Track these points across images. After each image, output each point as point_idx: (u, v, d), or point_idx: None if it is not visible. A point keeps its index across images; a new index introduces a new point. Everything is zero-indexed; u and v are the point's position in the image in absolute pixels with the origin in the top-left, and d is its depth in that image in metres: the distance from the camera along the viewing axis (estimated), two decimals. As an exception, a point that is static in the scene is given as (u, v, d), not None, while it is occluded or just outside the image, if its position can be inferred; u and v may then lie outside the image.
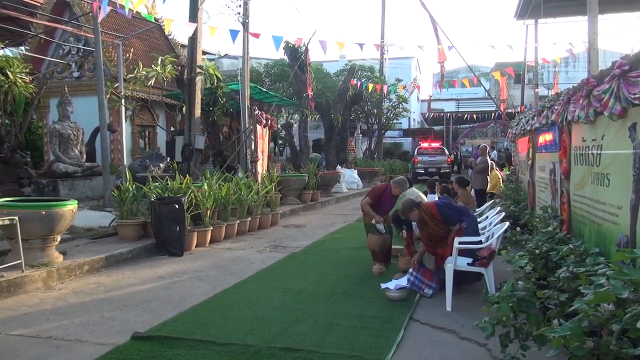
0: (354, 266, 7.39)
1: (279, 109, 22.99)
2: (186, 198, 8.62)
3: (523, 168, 10.27)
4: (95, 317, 5.13)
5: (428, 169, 27.63)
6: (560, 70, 41.00)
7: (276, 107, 19.85)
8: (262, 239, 9.71)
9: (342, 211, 14.50)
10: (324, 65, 31.20)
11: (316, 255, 8.21)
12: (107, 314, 5.23)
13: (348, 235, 10.22)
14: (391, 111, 30.33)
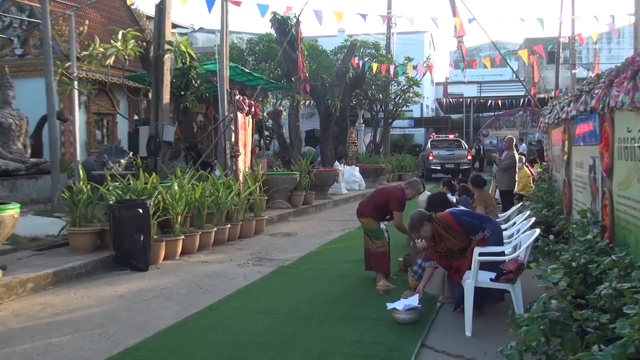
0: (354, 282, 7.37)
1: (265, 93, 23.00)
2: (152, 201, 8.59)
3: (557, 164, 10.31)
4: (40, 345, 5.10)
5: (445, 165, 27.71)
6: (601, 47, 41.30)
7: (262, 92, 19.85)
8: (244, 250, 9.69)
9: (341, 216, 14.48)
10: (319, 41, 31.27)
11: (309, 269, 8.19)
12: (55, 341, 5.20)
13: (348, 245, 10.20)
14: (400, 97, 30.41)
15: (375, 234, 7.30)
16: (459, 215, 5.93)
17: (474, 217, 5.91)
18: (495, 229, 5.87)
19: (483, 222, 5.83)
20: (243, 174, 12.68)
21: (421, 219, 5.97)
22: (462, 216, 5.90)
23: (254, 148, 14.68)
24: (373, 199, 7.41)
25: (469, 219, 5.85)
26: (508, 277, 5.44)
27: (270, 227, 12.32)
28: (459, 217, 5.88)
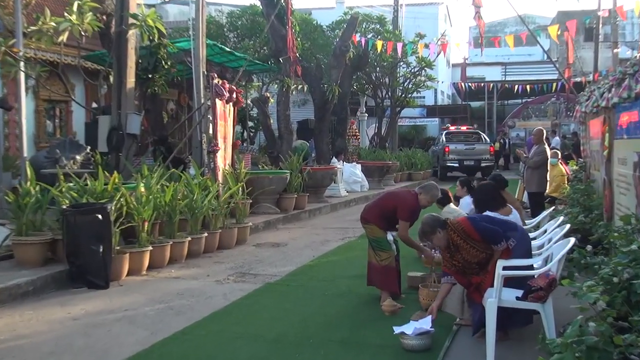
0: (355, 302, 7.39)
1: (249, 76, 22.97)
2: (114, 205, 8.58)
3: (596, 161, 10.34)
4: (-21, 377, 5.09)
5: (463, 161, 28.00)
6: (649, 22, 41.41)
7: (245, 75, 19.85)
8: (224, 264, 9.69)
9: (340, 223, 14.48)
10: (313, 15, 31.30)
11: (301, 286, 8.19)
12: (-3, 372, 5.18)
13: (348, 257, 10.22)
14: (410, 81, 30.44)
15: (380, 245, 7.32)
16: (477, 221, 5.93)
17: (497, 224, 5.91)
18: (522, 239, 5.87)
19: (507, 230, 5.83)
20: (222, 173, 12.66)
21: (434, 225, 5.96)
22: (482, 222, 5.89)
23: (236, 142, 14.64)
24: (380, 204, 7.44)
25: (490, 226, 5.84)
26: (537, 296, 5.44)
27: (255, 236, 12.31)
28: (477, 223, 5.87)
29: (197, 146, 13.20)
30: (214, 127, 12.65)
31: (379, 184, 22.27)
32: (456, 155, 28.23)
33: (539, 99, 39.85)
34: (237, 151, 14.62)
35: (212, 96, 12.64)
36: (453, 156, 28.12)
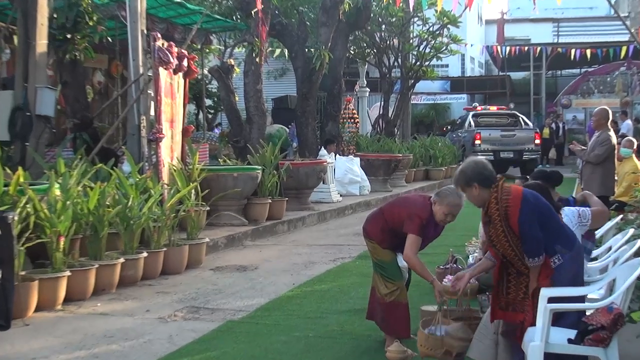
0: (350, 346, 7.38)
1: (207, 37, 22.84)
2: (17, 214, 8.51)
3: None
4: None
5: (500, 153, 28.30)
6: None
7: (200, 35, 19.74)
8: (170, 295, 9.65)
9: (330, 239, 14.49)
10: (294, -47, 31.21)
11: (276, 326, 8.16)
12: None
13: (340, 286, 10.20)
14: (427, 43, 30.42)
15: (387, 272, 7.29)
16: (529, 207, 5.86)
17: (551, 228, 5.87)
18: (574, 259, 5.87)
19: (558, 242, 5.82)
20: (169, 170, 12.61)
21: (473, 174, 6.03)
22: (531, 215, 5.84)
23: (188, 127, 14.57)
24: (385, 212, 7.39)
25: (534, 232, 5.80)
26: (597, 337, 5.45)
27: (214, 257, 12.27)
28: (526, 211, 5.83)
29: (134, 133, 13.11)
30: (156, 106, 12.58)
31: (384, 185, 22.26)
32: (490, 145, 28.47)
33: (603, 69, 40.00)
34: (189, 140, 14.55)
35: (155, 64, 12.56)
36: (486, 146, 28.17)
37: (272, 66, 33.75)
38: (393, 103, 30.90)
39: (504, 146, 28.67)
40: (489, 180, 5.99)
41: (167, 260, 10.84)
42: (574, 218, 6.98)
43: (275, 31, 20.82)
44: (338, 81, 23.01)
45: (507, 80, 42.53)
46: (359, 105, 30.64)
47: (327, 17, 21.00)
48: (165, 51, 12.59)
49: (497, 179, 6.01)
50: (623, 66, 37.87)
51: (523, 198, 5.90)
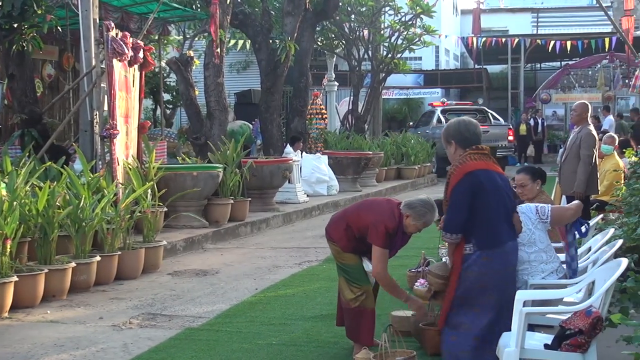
0: (317, 354, 7.41)
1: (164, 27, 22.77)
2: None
3: (663, 149, 10.46)
4: None
5: None
6: None
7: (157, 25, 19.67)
8: (125, 301, 9.63)
9: (296, 241, 14.54)
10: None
11: (238, 333, 8.17)
12: None
13: (306, 291, 10.22)
14: (400, 34, 30.48)
15: (352, 276, 7.27)
16: (476, 185, 5.93)
17: (477, 221, 5.93)
18: (483, 264, 5.89)
19: (475, 235, 5.91)
20: (123, 168, 12.57)
21: (453, 133, 6.20)
22: (472, 195, 5.92)
23: (144, 123, 14.53)
24: (349, 215, 7.37)
25: (462, 205, 5.93)
26: (575, 342, 5.50)
27: (172, 261, 12.25)
28: (470, 185, 5.92)
29: (86, 129, 13.05)
30: (110, 100, 12.52)
31: (354, 185, 22.25)
32: None
33: (585, 62, 40.18)
34: (145, 136, 14.50)
35: (108, 55, 12.50)
36: None
37: (234, 58, 33.69)
38: (363, 98, 30.87)
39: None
40: (467, 141, 6.10)
41: (121, 265, 10.79)
42: (532, 214, 7.02)
43: (238, 21, 20.76)
44: (305, 74, 22.99)
45: (483, 74, 42.64)
46: (327, 100, 30.59)
47: (292, 6, 20.97)
48: (120, 42, 12.52)
49: (476, 145, 6.09)
50: (605, 59, 38.06)
51: (469, 173, 5.97)
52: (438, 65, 46.61)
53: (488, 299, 5.87)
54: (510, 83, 41.50)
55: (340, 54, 31.20)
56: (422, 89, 43.00)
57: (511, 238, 6.03)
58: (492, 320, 5.87)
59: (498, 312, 5.87)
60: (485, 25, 46.22)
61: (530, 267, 6.52)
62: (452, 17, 49.92)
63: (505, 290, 5.90)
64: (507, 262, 5.96)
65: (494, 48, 40.12)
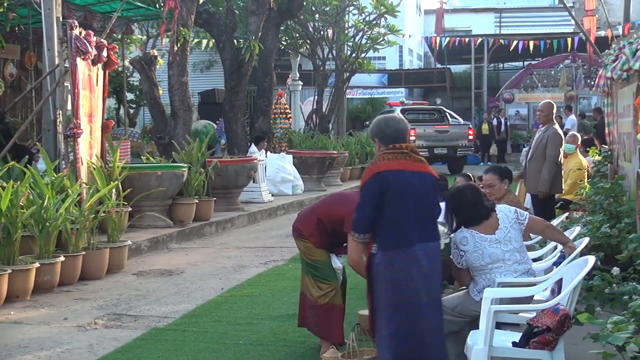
0: (284, 354, 7.42)
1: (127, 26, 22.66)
2: None
3: (627, 149, 10.55)
4: None
5: (434, 149, 29.78)
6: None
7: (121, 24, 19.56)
8: (90, 301, 9.58)
9: (261, 241, 14.55)
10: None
11: (204, 333, 8.17)
12: None
13: (272, 290, 10.24)
14: (364, 34, 30.53)
15: (321, 272, 7.28)
16: (383, 185, 5.91)
17: (382, 221, 5.93)
18: (383, 264, 5.91)
19: (380, 237, 5.93)
20: (87, 168, 12.50)
21: (375, 130, 6.15)
22: (380, 195, 5.91)
23: (108, 122, 14.44)
24: (321, 210, 7.40)
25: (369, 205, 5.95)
26: (543, 340, 5.54)
27: (137, 261, 12.22)
28: (378, 185, 5.91)
29: (50, 128, 12.96)
30: (74, 100, 12.44)
31: (319, 184, 22.29)
32: (424, 141, 29.39)
33: (547, 62, 40.50)
34: (109, 136, 14.43)
35: (72, 54, 12.42)
36: (421, 142, 29.03)
37: (198, 58, 33.59)
38: (327, 97, 30.89)
39: (438, 142, 29.90)
40: (388, 138, 6.04)
41: (86, 265, 10.73)
42: (510, 213, 7.04)
43: (202, 20, 20.69)
44: (269, 74, 22.99)
45: (447, 74, 42.87)
46: (292, 99, 30.56)
47: (257, 5, 20.96)
48: (84, 40, 12.45)
49: (394, 144, 6.03)
50: (568, 59, 38.38)
51: (377, 174, 5.95)
52: (402, 65, 46.76)
53: (399, 298, 5.84)
54: (473, 83, 41.75)
55: (305, 53, 31.18)
56: (386, 88, 43.13)
57: (423, 240, 5.91)
58: (404, 320, 5.85)
59: (412, 313, 5.84)
60: (448, 25, 46.57)
61: (504, 265, 6.52)
62: (415, 17, 50.08)
63: (418, 291, 5.84)
64: (415, 262, 5.83)
65: (457, 48, 40.36)
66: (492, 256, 6.50)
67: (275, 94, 24.27)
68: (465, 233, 6.62)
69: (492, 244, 6.57)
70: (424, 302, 5.82)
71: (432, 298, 5.88)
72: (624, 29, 22.50)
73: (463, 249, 6.53)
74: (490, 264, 6.48)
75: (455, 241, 6.59)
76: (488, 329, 5.57)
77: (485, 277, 6.48)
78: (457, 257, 6.57)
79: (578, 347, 6.34)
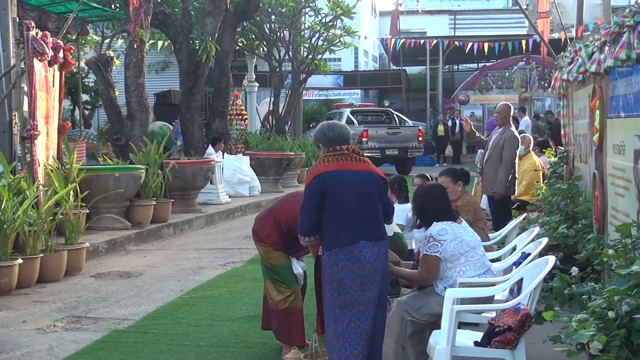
0: (245, 355, 7.45)
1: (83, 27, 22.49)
2: None
3: (583, 150, 10.66)
4: None
5: (386, 150, 30.45)
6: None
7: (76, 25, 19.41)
8: (49, 304, 9.54)
9: (220, 242, 14.55)
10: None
11: (165, 335, 8.16)
12: None
13: (232, 291, 10.25)
14: (320, 35, 30.55)
15: (281, 276, 7.29)
16: (322, 187, 6.02)
17: (325, 220, 6.05)
18: (330, 262, 6.00)
19: (324, 238, 6.04)
20: (44, 170, 12.41)
21: (318, 136, 6.32)
22: (320, 197, 6.02)
23: (64, 123, 14.35)
24: (275, 212, 7.40)
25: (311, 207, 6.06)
26: (505, 339, 5.59)
27: (95, 263, 12.18)
28: (318, 186, 6.02)
29: (5, 130, 12.86)
30: (31, 101, 12.34)
31: (276, 185, 22.32)
32: (376, 143, 30.14)
33: (502, 63, 40.72)
34: (65, 137, 14.34)
35: (29, 55, 12.32)
36: (373, 143, 29.51)
37: (153, 59, 33.39)
38: (284, 99, 30.92)
39: (389, 143, 30.45)
40: (331, 141, 6.17)
41: (44, 267, 10.68)
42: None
43: (158, 21, 20.61)
44: (225, 75, 22.94)
45: (402, 75, 43.04)
46: (248, 100, 30.57)
47: (213, 7, 20.91)
48: (41, 41, 12.35)
49: (334, 147, 6.15)
50: (522, 61, 38.66)
51: (317, 176, 6.06)
52: (357, 66, 46.90)
53: (345, 298, 5.91)
54: (428, 84, 41.95)
55: (261, 54, 31.18)
56: (342, 90, 43.25)
57: (368, 238, 5.98)
58: (351, 319, 5.92)
59: (358, 313, 5.91)
60: (403, 26, 46.71)
61: (476, 255, 6.58)
62: (371, 19, 50.23)
63: (364, 290, 5.91)
64: (360, 260, 5.90)
65: (412, 49, 40.50)
66: (469, 243, 6.59)
67: (231, 95, 24.20)
68: (443, 225, 6.67)
69: (467, 233, 6.70)
70: (371, 301, 5.90)
71: (380, 296, 5.96)
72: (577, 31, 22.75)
73: (442, 239, 6.53)
74: (467, 252, 6.52)
75: (431, 234, 6.59)
76: (450, 328, 5.62)
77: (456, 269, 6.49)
78: (434, 248, 6.56)
79: (535, 346, 6.43)
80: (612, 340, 4.77)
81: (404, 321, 6.44)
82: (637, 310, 4.88)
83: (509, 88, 39.46)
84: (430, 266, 6.59)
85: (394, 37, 41.48)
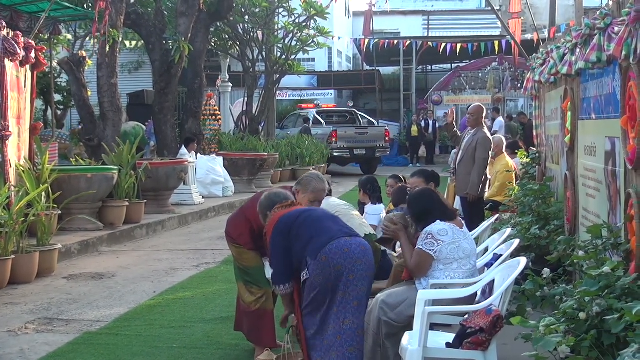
0: (218, 356, 7.45)
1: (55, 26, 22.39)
2: None
3: (555, 151, 10.72)
4: None
5: (354, 150, 31.22)
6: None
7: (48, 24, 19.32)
8: (20, 305, 9.50)
9: (193, 243, 14.51)
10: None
11: (138, 336, 8.14)
12: None
13: (205, 293, 10.23)
14: (293, 36, 30.55)
15: (253, 278, 7.31)
16: (281, 229, 6.15)
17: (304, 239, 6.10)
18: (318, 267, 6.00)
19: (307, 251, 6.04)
20: (16, 171, 12.35)
21: (267, 205, 6.57)
22: (284, 238, 6.13)
23: (36, 124, 14.27)
24: (246, 212, 7.41)
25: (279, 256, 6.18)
26: (476, 340, 5.60)
27: (67, 264, 12.11)
28: (277, 233, 6.16)
29: (-24, 130, 12.81)
30: (2, 102, 12.26)
31: (249, 186, 22.29)
32: (345, 143, 30.86)
33: (475, 64, 40.86)
34: (37, 138, 14.27)
35: (0, 55, 12.25)
36: (342, 143, 29.92)
37: (126, 59, 33.26)
38: (257, 99, 30.88)
39: (358, 143, 31.17)
40: (275, 203, 6.52)
41: (15, 269, 10.61)
42: None
43: (130, 21, 20.51)
44: (199, 75, 22.86)
45: (376, 75, 43.04)
46: (221, 101, 30.53)
47: (186, 7, 20.84)
48: (12, 42, 12.27)
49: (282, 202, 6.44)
50: (495, 61, 38.80)
51: (277, 222, 6.21)
52: (331, 66, 46.93)
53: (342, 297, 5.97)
54: (402, 85, 42.05)
55: (234, 55, 31.13)
56: (316, 90, 43.31)
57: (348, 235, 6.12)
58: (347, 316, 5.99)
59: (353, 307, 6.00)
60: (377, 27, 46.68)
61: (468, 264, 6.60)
62: (344, 19, 50.25)
63: (356, 284, 5.98)
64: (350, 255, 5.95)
65: (386, 50, 40.54)
66: (465, 251, 6.57)
67: (205, 95, 24.13)
68: (445, 225, 6.65)
69: (466, 239, 6.68)
70: (363, 296, 6.03)
71: (368, 292, 6.09)
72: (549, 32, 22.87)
73: (441, 239, 6.50)
74: (462, 259, 6.51)
75: (431, 232, 6.58)
76: (422, 330, 5.63)
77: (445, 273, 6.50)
78: (430, 245, 6.54)
79: (507, 347, 6.44)
80: (583, 342, 4.81)
81: (380, 321, 6.44)
82: (607, 312, 4.91)
83: (482, 89, 39.65)
84: (421, 261, 6.59)
85: (368, 37, 41.52)
